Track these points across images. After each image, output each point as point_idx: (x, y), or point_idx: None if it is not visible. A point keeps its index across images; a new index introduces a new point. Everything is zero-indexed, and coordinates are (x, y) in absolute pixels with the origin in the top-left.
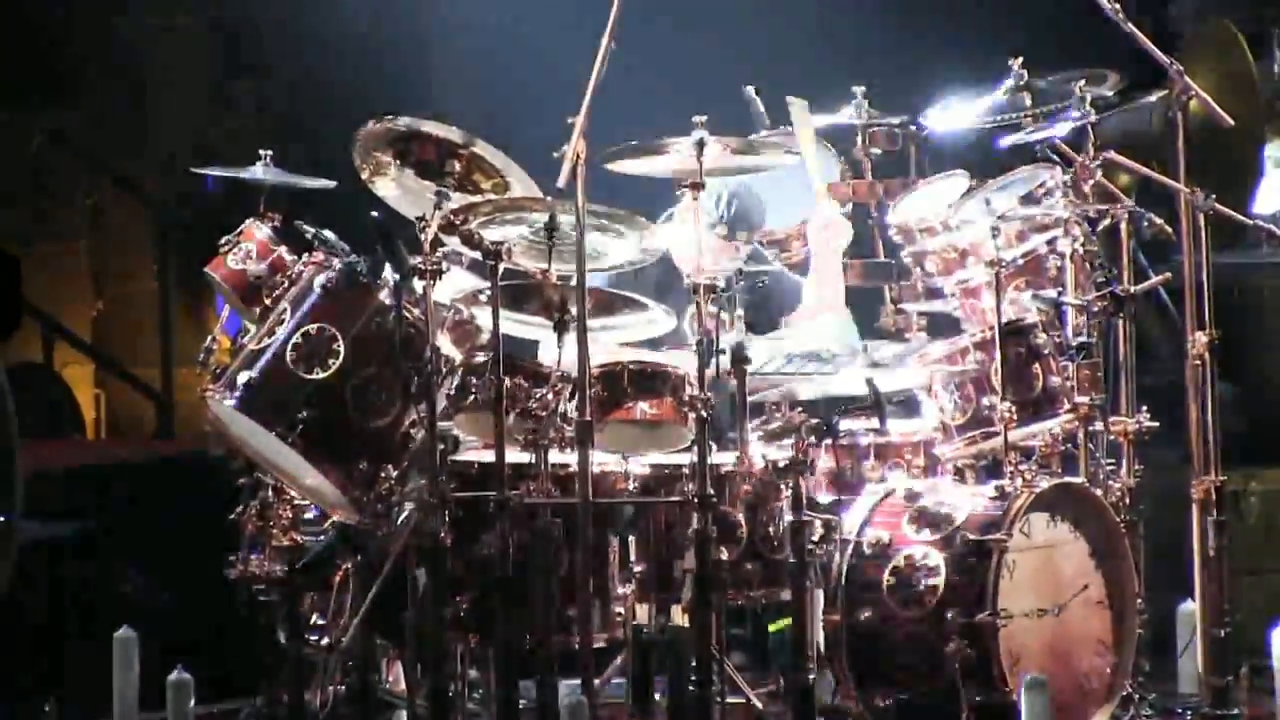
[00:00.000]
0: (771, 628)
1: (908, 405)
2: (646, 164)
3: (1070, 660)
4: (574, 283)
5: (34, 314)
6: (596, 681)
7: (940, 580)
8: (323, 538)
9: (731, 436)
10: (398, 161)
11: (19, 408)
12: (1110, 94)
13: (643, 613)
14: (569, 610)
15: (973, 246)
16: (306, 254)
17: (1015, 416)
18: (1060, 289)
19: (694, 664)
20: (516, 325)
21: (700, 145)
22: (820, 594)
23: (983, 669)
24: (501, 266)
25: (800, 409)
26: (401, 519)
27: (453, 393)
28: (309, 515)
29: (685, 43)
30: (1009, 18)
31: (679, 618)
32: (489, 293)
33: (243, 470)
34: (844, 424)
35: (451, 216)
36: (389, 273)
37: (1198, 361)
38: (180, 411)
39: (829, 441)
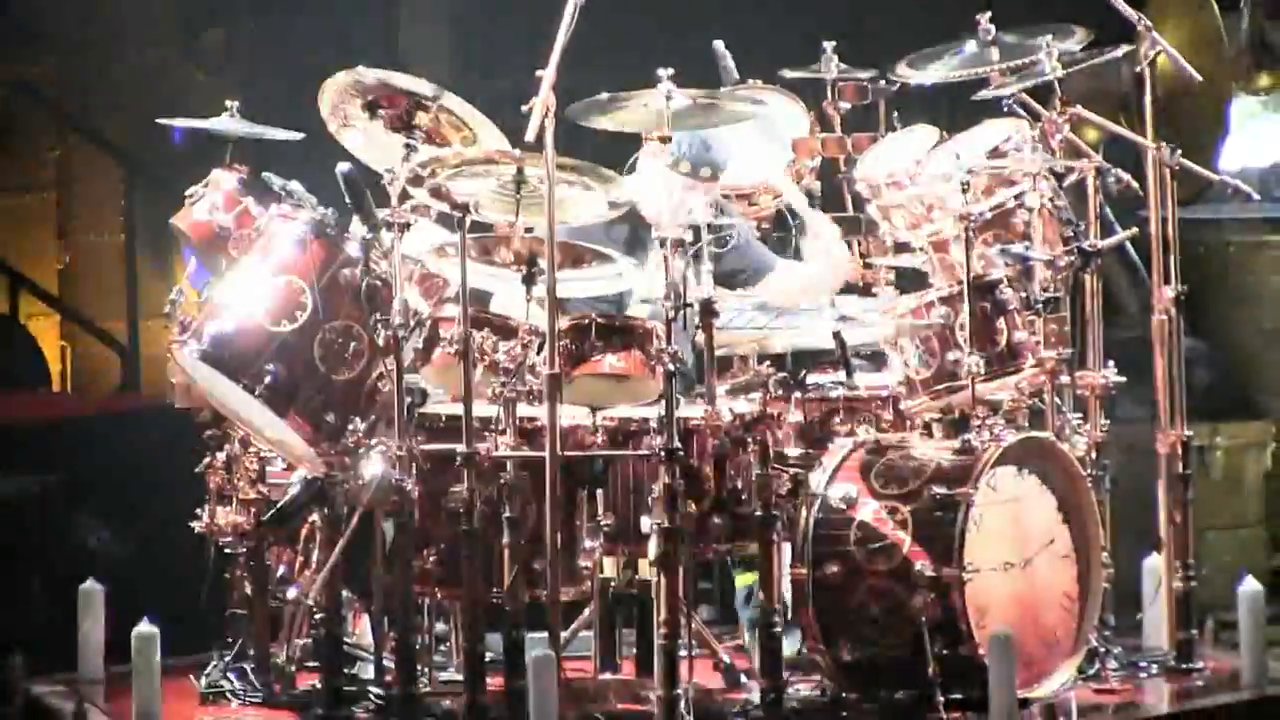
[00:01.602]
0: (739, 581)
1: (875, 359)
2: (614, 118)
3: (1036, 614)
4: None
5: None
6: (564, 635)
7: (907, 534)
8: (291, 490)
9: (700, 391)
10: (366, 114)
11: None
12: (1078, 49)
13: (610, 566)
14: (536, 564)
15: (940, 201)
16: (274, 206)
17: (981, 371)
18: (1027, 244)
19: (661, 618)
20: (485, 278)
21: (667, 99)
22: (787, 548)
23: (949, 623)
24: (469, 220)
25: (768, 363)
26: (368, 472)
27: (420, 345)
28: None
29: None
30: None
31: (646, 571)
32: (457, 246)
33: (209, 423)
34: (811, 378)
35: (419, 169)
36: (357, 225)
37: (1164, 316)
38: (146, 364)
39: (796, 395)
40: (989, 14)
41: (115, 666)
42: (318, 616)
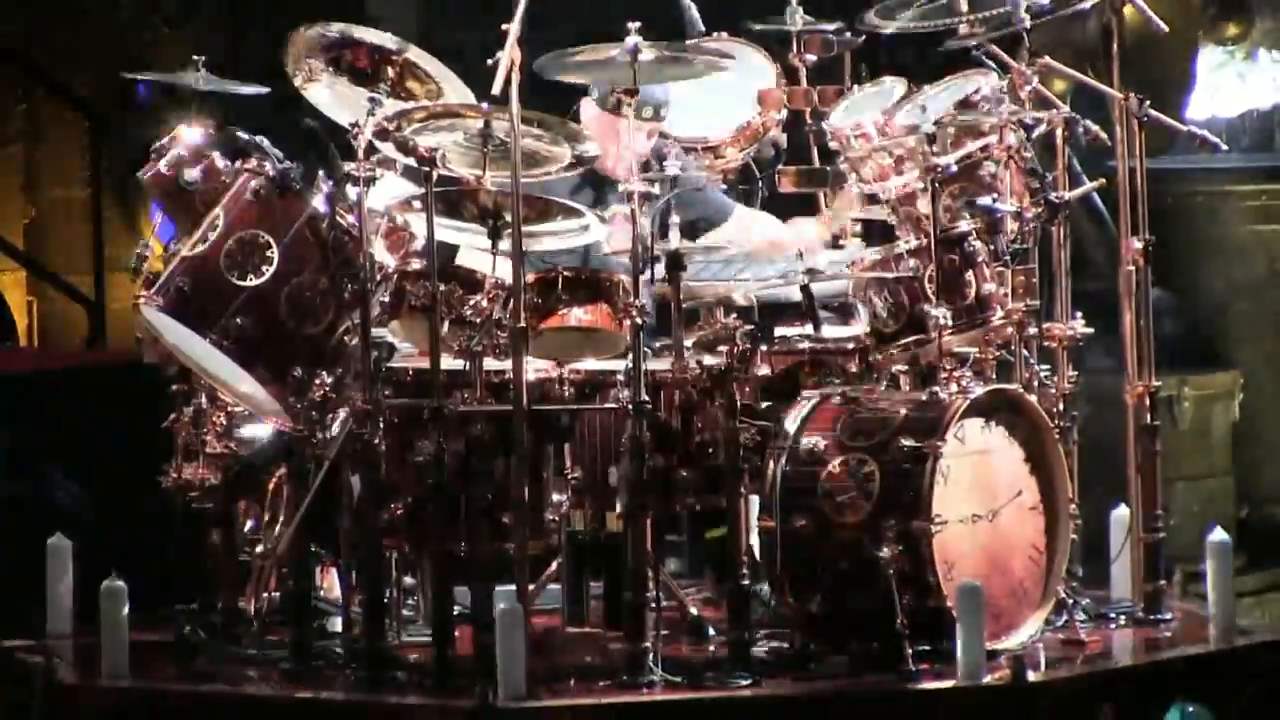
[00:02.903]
0: (708, 535)
1: (843, 311)
2: (581, 72)
3: (1004, 566)
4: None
5: None
6: (531, 588)
7: (875, 486)
8: (257, 444)
9: (664, 343)
10: (330, 68)
11: None
12: (1047, 0)
13: (578, 519)
14: (503, 517)
15: (908, 153)
16: (240, 160)
17: (949, 323)
18: (995, 195)
19: (629, 571)
20: (451, 232)
21: (634, 52)
22: (755, 501)
23: (917, 575)
24: (435, 173)
25: (735, 315)
26: (336, 426)
27: (387, 299)
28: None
29: None
30: None
31: (614, 524)
32: (423, 199)
33: (176, 377)
34: (778, 330)
35: (385, 123)
36: (322, 179)
37: (1132, 267)
38: (113, 318)
39: (763, 348)
40: None
41: (83, 622)
42: (285, 571)
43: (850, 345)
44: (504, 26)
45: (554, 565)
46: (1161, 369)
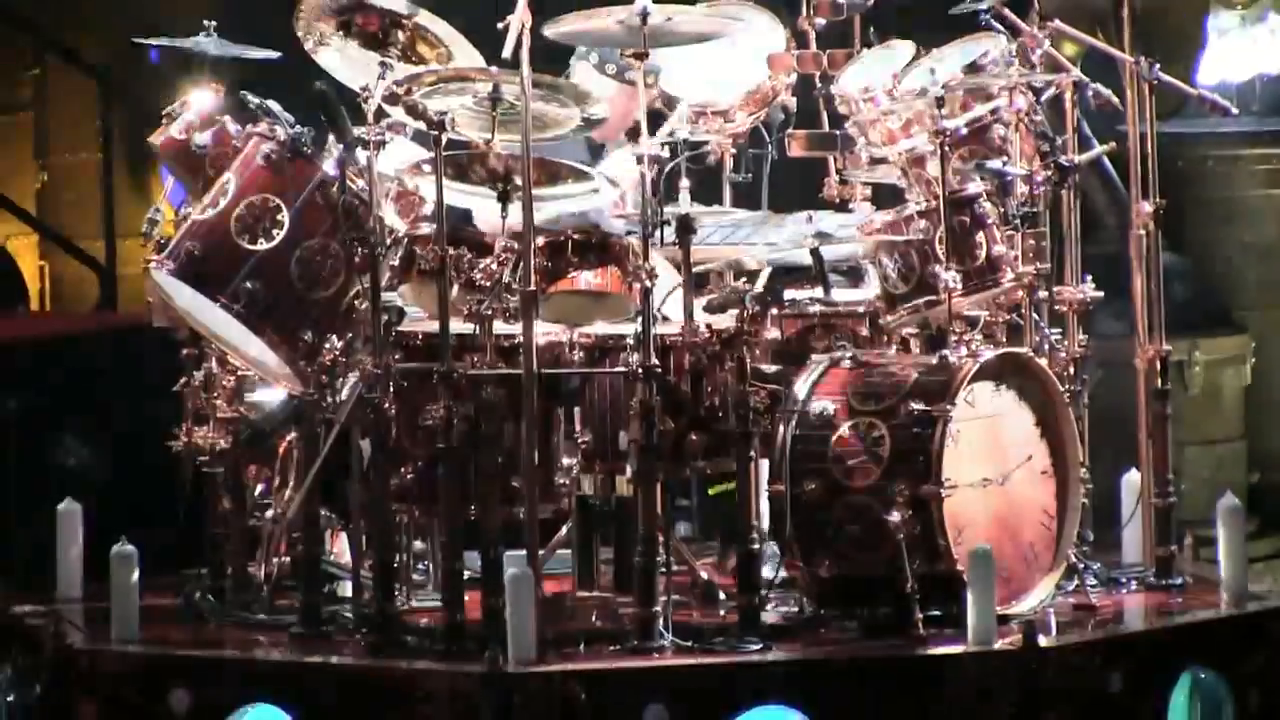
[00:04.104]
0: (711, 490)
1: (852, 275)
2: (591, 35)
3: (1015, 530)
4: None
5: None
6: (541, 553)
7: (885, 450)
8: (267, 408)
9: None
10: (341, 32)
11: None
12: None
13: (588, 484)
14: (513, 482)
15: (917, 116)
16: (250, 125)
17: (959, 286)
18: (1005, 158)
19: (639, 535)
20: (460, 196)
21: (644, 15)
22: (765, 464)
23: (927, 539)
24: (445, 137)
25: (744, 279)
26: (346, 390)
27: (396, 263)
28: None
29: None
30: None
31: (624, 489)
32: (433, 163)
33: (187, 341)
34: (788, 293)
35: (395, 87)
36: (333, 143)
37: (1142, 231)
38: (124, 283)
39: (773, 311)
40: None
41: (93, 586)
42: (296, 535)
43: (861, 309)
44: None
45: (564, 530)
46: (1172, 333)
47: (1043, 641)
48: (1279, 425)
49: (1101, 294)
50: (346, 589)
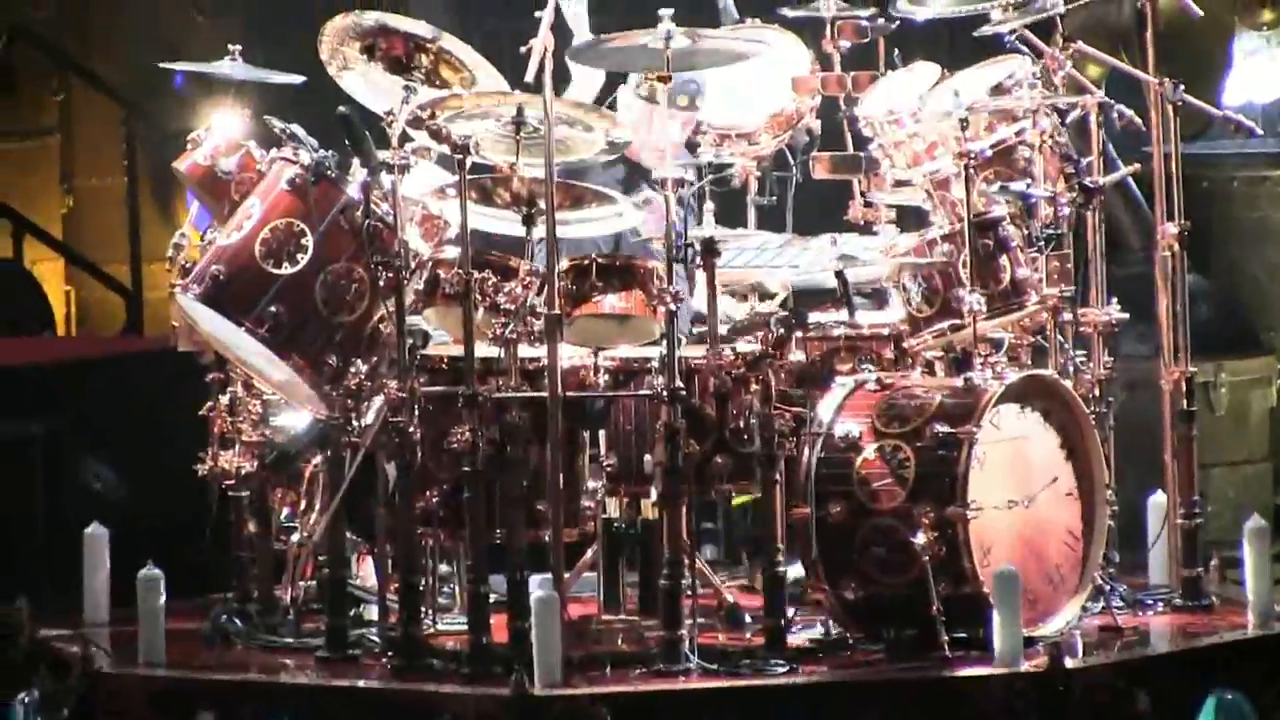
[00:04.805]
0: (734, 503)
1: (877, 297)
2: (613, 59)
3: (1040, 552)
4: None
5: (3, 211)
6: (567, 576)
7: (910, 473)
8: (293, 433)
9: (702, 330)
10: (365, 56)
11: None
12: None
13: (613, 507)
14: (539, 505)
15: (941, 138)
16: (275, 149)
17: (984, 308)
18: (1029, 180)
19: (664, 558)
20: (485, 219)
21: (667, 38)
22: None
23: (953, 561)
24: (469, 161)
25: (769, 301)
26: (372, 414)
27: (421, 287)
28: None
29: None
30: None
31: (649, 511)
32: (457, 187)
33: (212, 366)
34: (813, 316)
35: (419, 111)
36: (357, 168)
37: (1167, 252)
38: (150, 308)
39: (798, 334)
40: None
41: (120, 610)
42: (321, 559)
43: (885, 331)
44: (537, 14)
45: (589, 553)
46: (1197, 354)
47: (1069, 663)
48: None
49: (1127, 315)
50: (372, 612)
